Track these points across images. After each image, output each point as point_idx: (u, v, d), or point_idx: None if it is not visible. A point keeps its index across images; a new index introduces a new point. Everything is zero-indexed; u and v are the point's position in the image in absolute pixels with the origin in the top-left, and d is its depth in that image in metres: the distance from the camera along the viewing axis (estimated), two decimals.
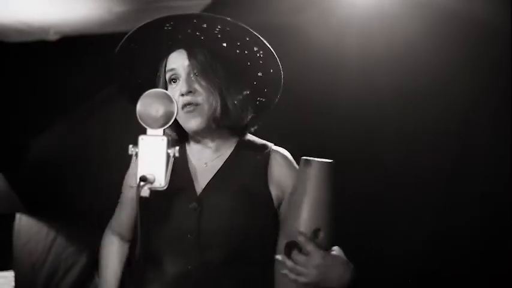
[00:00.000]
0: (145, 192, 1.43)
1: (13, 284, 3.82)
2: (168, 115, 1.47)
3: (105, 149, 1.96)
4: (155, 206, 1.61)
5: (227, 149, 1.82)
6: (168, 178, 1.45)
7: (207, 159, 1.81)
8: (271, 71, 1.83)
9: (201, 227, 1.70)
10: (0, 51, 3.91)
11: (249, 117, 1.83)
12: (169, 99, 1.49)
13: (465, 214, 2.87)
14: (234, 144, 1.83)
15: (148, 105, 1.48)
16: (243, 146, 1.83)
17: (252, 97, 1.85)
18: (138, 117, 1.48)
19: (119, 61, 1.83)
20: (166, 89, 1.77)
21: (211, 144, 1.81)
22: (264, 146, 1.84)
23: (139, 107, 1.48)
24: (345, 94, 3.04)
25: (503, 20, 2.76)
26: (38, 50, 3.85)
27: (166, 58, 1.79)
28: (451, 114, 2.92)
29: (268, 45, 1.78)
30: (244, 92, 1.82)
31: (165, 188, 1.44)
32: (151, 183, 1.44)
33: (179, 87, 1.74)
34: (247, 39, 1.77)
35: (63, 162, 3.77)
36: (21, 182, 3.73)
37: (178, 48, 1.78)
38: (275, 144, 1.87)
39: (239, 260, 1.71)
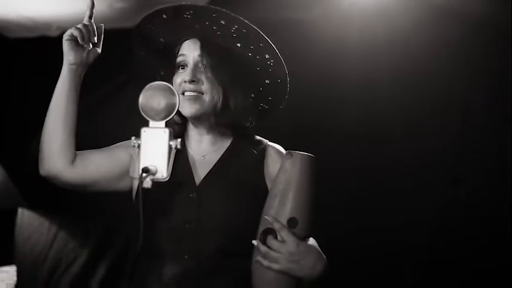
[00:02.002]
0: (147, 183, 1.44)
1: (15, 278, 3.84)
2: (170, 107, 1.48)
3: (108, 144, 1.96)
4: (154, 196, 1.62)
5: (224, 143, 1.85)
6: (170, 170, 1.46)
7: (204, 152, 1.84)
8: (279, 81, 1.87)
9: (199, 217, 1.72)
10: (2, 46, 3.93)
11: (251, 120, 1.87)
12: (171, 91, 1.50)
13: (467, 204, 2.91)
14: (231, 139, 1.87)
15: (150, 97, 1.49)
16: (239, 141, 1.86)
17: (256, 102, 1.89)
18: (140, 109, 1.49)
19: (135, 41, 1.88)
20: (174, 74, 1.82)
21: (208, 137, 1.84)
22: (260, 142, 1.88)
23: (141, 99, 1.49)
24: (346, 90, 3.07)
25: (499, 13, 2.79)
26: (40, 45, 3.86)
27: (180, 44, 1.83)
28: (449, 107, 2.97)
29: (280, 55, 1.82)
30: (249, 96, 1.86)
31: (167, 179, 1.45)
32: (154, 174, 1.45)
33: (185, 74, 1.78)
34: (261, 45, 1.80)
35: None
36: (24, 176, 3.74)
37: (193, 36, 1.82)
38: (274, 141, 1.90)
39: (236, 250, 1.72)
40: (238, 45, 1.82)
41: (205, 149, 1.84)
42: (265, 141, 1.89)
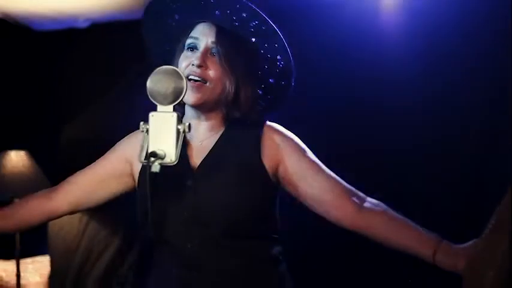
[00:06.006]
0: (155, 167, 1.44)
1: (49, 268, 3.90)
2: (177, 91, 1.48)
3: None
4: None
5: (220, 127, 1.81)
6: (178, 153, 1.45)
7: (202, 138, 1.79)
8: (282, 83, 1.86)
9: (197, 204, 1.69)
10: (31, 39, 3.98)
11: (258, 114, 1.84)
12: (178, 75, 1.49)
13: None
14: (227, 122, 1.82)
15: (157, 82, 1.49)
16: (236, 123, 1.81)
17: (262, 98, 1.87)
18: (148, 94, 1.49)
19: (149, 10, 1.85)
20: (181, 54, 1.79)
21: (206, 123, 1.79)
22: (256, 122, 1.82)
23: (149, 83, 1.49)
24: (358, 78, 3.06)
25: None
26: (68, 38, 3.91)
27: (194, 26, 1.80)
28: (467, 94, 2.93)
29: (291, 59, 1.81)
30: (257, 91, 1.84)
31: (175, 163, 1.45)
32: (162, 158, 1.45)
33: (193, 57, 1.74)
34: (276, 45, 1.79)
35: (97, 146, 3.82)
36: (55, 167, 3.79)
37: (210, 21, 1.78)
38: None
39: (237, 235, 1.69)
40: (253, 39, 1.80)
41: (202, 135, 1.79)
42: (263, 121, 1.83)
